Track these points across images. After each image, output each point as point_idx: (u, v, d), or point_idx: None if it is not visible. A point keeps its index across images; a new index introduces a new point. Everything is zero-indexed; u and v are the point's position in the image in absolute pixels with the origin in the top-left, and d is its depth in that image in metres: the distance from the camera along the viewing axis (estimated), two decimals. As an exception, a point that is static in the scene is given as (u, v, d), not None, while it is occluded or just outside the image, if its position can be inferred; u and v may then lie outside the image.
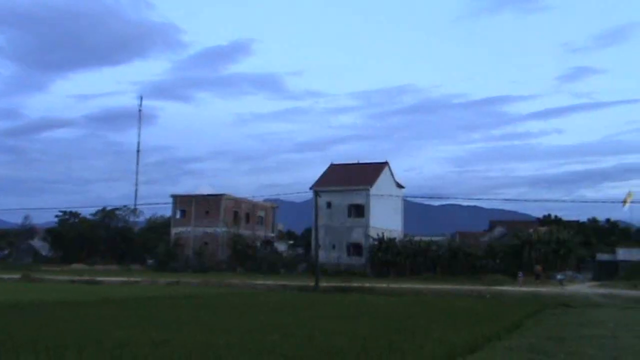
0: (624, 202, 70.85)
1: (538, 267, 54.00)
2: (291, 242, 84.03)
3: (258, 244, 74.67)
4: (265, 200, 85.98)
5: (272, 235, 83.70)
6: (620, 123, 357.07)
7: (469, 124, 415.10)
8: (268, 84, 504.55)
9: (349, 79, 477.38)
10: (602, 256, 60.44)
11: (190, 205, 76.44)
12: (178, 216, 77.74)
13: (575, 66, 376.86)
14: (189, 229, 75.75)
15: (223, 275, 58.94)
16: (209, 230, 74.60)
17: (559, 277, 52.15)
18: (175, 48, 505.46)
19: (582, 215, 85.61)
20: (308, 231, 78.48)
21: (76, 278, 48.87)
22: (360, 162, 72.62)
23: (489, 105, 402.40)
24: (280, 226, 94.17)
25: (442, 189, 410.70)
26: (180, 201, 77.78)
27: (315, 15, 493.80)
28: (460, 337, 13.87)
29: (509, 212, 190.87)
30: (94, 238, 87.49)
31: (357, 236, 66.57)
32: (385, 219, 68.04)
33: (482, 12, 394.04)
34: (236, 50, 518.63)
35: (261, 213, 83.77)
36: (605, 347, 14.02)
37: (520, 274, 51.01)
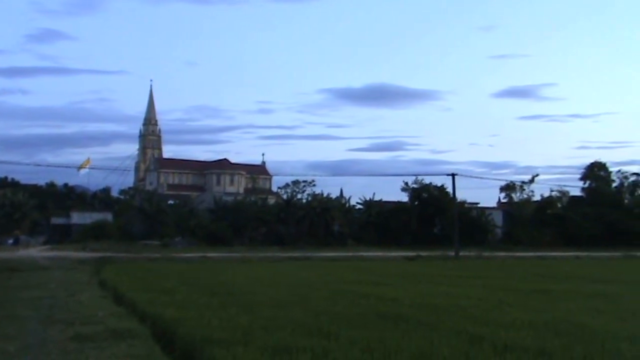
0: (80, 167, 74.04)
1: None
2: None
3: None
4: None
5: None
6: (85, 91, 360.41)
7: None
8: None
9: None
10: (57, 220, 61.43)
11: None
12: None
13: (44, 27, 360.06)
14: None
15: None
16: None
17: (10, 241, 51.11)
18: None
19: (40, 180, 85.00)
20: None
21: None
22: None
23: None
24: None
25: None
26: None
27: None
28: None
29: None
30: None
31: None
32: None
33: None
34: None
35: None
36: (41, 307, 14.53)
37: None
